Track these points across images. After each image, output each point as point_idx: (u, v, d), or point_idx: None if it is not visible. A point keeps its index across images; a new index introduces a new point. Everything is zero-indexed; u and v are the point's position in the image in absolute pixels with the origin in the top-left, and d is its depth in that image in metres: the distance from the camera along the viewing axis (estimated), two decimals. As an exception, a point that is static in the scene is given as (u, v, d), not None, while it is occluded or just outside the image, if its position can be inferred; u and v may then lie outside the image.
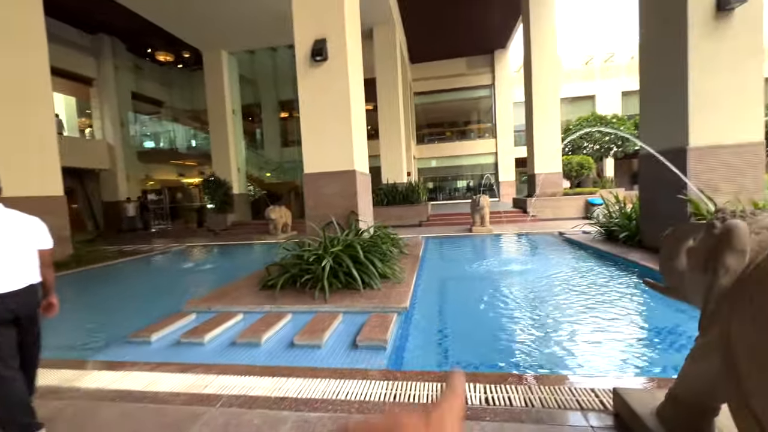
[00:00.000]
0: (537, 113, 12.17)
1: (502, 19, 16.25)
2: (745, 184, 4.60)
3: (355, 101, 5.69)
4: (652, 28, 5.43)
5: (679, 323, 3.07)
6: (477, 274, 5.37)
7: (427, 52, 19.51)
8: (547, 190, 12.16)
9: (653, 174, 5.51)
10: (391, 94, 12.85)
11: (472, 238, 8.91)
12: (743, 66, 4.54)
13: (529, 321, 3.37)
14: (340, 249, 4.45)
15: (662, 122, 5.23)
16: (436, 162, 22.83)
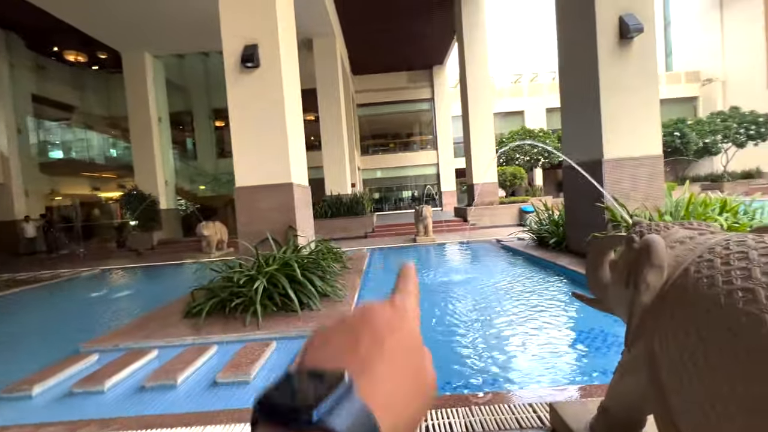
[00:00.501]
0: (473, 127, 12.83)
1: (439, 37, 17.06)
2: (649, 193, 5.15)
3: (292, 111, 5.44)
4: (568, 52, 5.96)
5: (609, 325, 3.26)
6: (422, 286, 5.32)
7: (369, 64, 19.80)
8: (484, 199, 12.79)
9: (574, 184, 5.97)
10: (333, 105, 12.72)
11: (417, 249, 8.98)
12: (643, 88, 5.13)
13: (472, 334, 3.36)
14: (275, 268, 4.13)
15: (581, 137, 5.71)
16: (381, 173, 23.06)
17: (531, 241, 7.49)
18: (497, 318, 3.69)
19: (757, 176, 19.92)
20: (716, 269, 0.99)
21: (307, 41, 12.71)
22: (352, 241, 11.23)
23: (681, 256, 1.15)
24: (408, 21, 15.34)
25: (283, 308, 3.90)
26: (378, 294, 5.03)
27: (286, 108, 5.15)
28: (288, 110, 5.23)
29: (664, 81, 25.47)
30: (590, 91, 5.32)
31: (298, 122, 5.90)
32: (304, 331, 3.35)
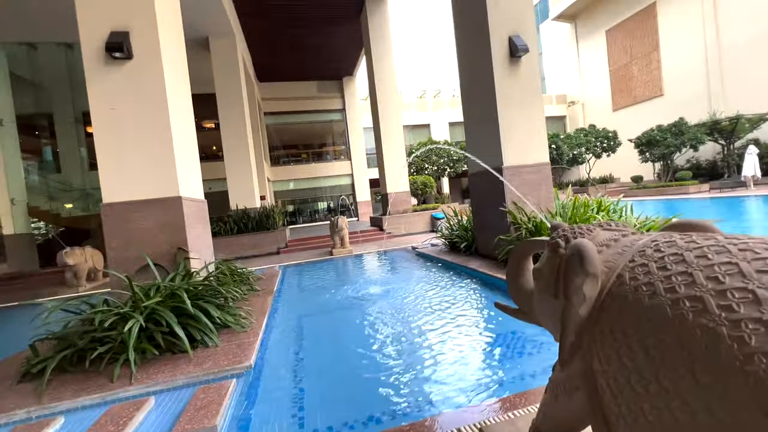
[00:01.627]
0: (385, 138, 13.06)
1: (348, 49, 17.14)
2: (541, 196, 5.70)
3: (179, 113, 4.66)
4: (468, 69, 6.35)
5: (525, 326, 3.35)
6: (339, 303, 4.99)
7: (277, 71, 18.93)
8: (398, 208, 13.05)
9: (480, 190, 6.34)
10: (236, 112, 11.68)
11: (334, 261, 8.61)
12: (531, 102, 5.69)
13: (398, 352, 3.13)
14: (157, 301, 3.37)
15: (483, 146, 6.08)
16: (294, 184, 22.07)
17: (444, 246, 7.75)
18: (416, 331, 3.55)
19: (610, 181, 24.45)
20: (654, 275, 0.90)
21: (203, 40, 11.50)
22: (263, 259, 10.32)
23: (611, 261, 1.06)
24: (315, 30, 15.08)
25: (170, 350, 3.18)
26: (290, 318, 4.53)
27: (170, 109, 4.37)
28: (174, 112, 4.46)
29: (540, 101, 29.91)
30: (489, 104, 5.70)
31: (188, 127, 5.10)
32: (194, 377, 2.73)
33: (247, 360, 2.89)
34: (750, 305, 0.69)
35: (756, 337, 0.65)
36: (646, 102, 23.46)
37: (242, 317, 3.86)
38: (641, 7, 23.01)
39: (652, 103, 23.03)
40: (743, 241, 0.85)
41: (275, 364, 3.14)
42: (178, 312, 3.35)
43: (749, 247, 0.80)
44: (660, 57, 22.34)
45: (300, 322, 4.35)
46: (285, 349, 3.49)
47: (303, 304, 5.24)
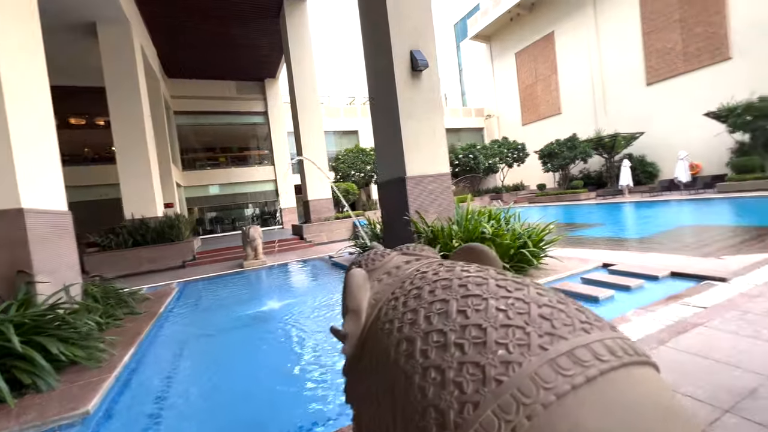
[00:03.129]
0: (305, 144, 12.72)
1: (268, 49, 16.44)
2: (443, 205, 5.95)
3: (24, 108, 3.91)
4: (374, 80, 6.42)
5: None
6: (234, 323, 4.61)
7: (189, 68, 17.38)
8: (320, 215, 12.77)
9: (388, 199, 6.43)
10: (131, 109, 10.38)
11: (244, 275, 8.04)
12: (432, 115, 5.93)
13: (287, 379, 2.92)
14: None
15: (389, 156, 6.17)
16: (212, 190, 20.38)
17: (358, 255, 7.71)
18: (310, 355, 3.39)
19: (522, 188, 27.01)
20: (397, 311, 0.86)
21: (89, 25, 10.04)
22: (163, 274, 9.26)
23: (380, 293, 1.01)
24: (230, 26, 14.19)
25: (-17, 401, 2.57)
26: (170, 344, 4.04)
27: (7, 103, 3.63)
28: (14, 107, 3.71)
29: (461, 113, 31.93)
30: (393, 115, 5.81)
31: (43, 125, 4.32)
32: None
33: (84, 405, 2.45)
34: (441, 349, 0.66)
35: (434, 388, 0.61)
36: (549, 118, 26.46)
37: (99, 350, 3.32)
38: (542, 34, 25.98)
39: (553, 120, 26.04)
40: (477, 276, 0.81)
41: (130, 405, 2.72)
42: (1, 352, 2.74)
43: (479, 282, 0.78)
44: (558, 80, 25.42)
45: (181, 349, 3.90)
46: (149, 385, 3.06)
47: (191, 326, 4.73)
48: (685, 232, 7.36)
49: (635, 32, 20.20)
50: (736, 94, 15.24)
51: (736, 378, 1.99)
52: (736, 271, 3.82)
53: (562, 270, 4.57)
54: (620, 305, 3.41)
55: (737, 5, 16.03)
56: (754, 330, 2.49)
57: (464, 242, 4.73)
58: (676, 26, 18.38)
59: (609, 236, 7.87)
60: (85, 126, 15.23)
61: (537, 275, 4.44)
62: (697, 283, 3.71)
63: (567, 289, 3.81)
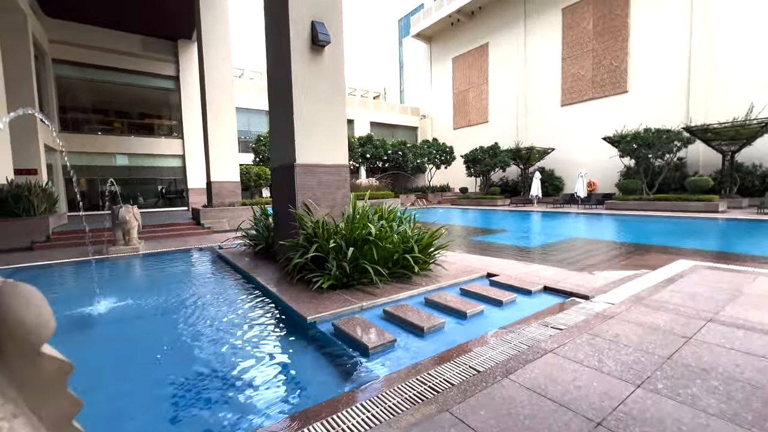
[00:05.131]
0: (211, 118, 11.25)
1: (181, 4, 14.24)
2: (337, 199, 5.40)
3: None
4: (272, 50, 5.58)
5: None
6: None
7: (79, 8, 14.33)
8: (224, 199, 11.46)
9: (278, 187, 5.68)
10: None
11: (102, 264, 6.64)
12: (333, 99, 5.31)
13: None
14: None
15: (280, 139, 5.43)
16: (105, 160, 17.29)
17: (247, 246, 6.84)
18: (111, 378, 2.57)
19: (447, 190, 27.94)
20: None
21: None
22: (1, 256, 7.33)
23: None
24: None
25: None
26: None
27: None
28: None
29: (398, 110, 31.96)
30: (286, 94, 5.07)
31: None
32: None
33: None
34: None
35: None
36: (477, 125, 27.68)
37: None
38: (479, 44, 26.99)
39: (480, 127, 27.30)
40: None
41: None
42: None
43: None
44: (488, 89, 26.68)
45: None
46: None
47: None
48: (573, 244, 7.84)
49: (557, 56, 21.88)
50: (627, 124, 17.28)
51: (564, 426, 1.72)
52: (599, 288, 3.87)
53: (445, 278, 4.31)
54: (486, 323, 3.17)
55: (636, 43, 18.13)
56: (599, 360, 2.34)
57: (346, 243, 4.22)
58: (589, 55, 20.26)
59: (507, 243, 8.09)
60: None
61: (417, 283, 4.11)
62: (564, 300, 3.67)
63: (439, 302, 3.51)
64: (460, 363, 2.34)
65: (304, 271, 4.29)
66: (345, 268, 3.93)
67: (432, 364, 2.36)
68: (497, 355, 2.43)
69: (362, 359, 2.52)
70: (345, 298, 3.63)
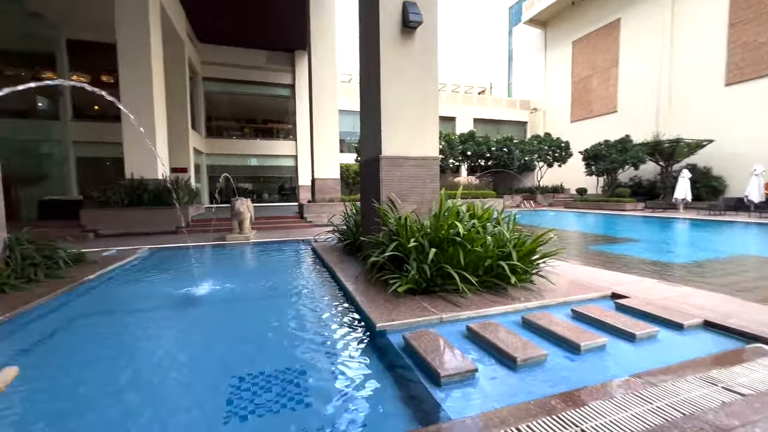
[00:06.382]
0: (317, 119, 12.00)
1: (296, 19, 15.66)
2: (425, 195, 4.92)
3: None
4: (363, 41, 5.42)
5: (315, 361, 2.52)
6: (154, 303, 4.01)
7: (222, 33, 17.09)
8: (325, 195, 12.09)
9: (365, 181, 5.50)
10: (140, 67, 10.10)
11: (218, 249, 7.53)
12: (424, 85, 4.86)
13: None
14: None
15: (368, 131, 5.23)
16: (236, 160, 20.37)
17: (336, 240, 6.91)
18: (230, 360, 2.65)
19: (561, 191, 24.73)
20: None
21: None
22: (153, 237, 9.02)
23: None
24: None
25: None
26: (47, 324, 3.41)
27: None
28: None
29: (505, 105, 29.70)
30: (375, 82, 4.82)
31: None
32: None
33: None
34: None
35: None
36: (601, 116, 23.77)
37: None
38: (606, 21, 23.11)
39: (606, 119, 23.35)
40: None
41: None
42: None
43: None
44: (618, 73, 22.62)
45: (61, 329, 3.30)
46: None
47: (101, 301, 4.15)
48: (744, 263, 5.79)
49: (720, 22, 17.22)
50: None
51: None
52: (808, 334, 2.54)
53: (551, 295, 3.45)
54: (610, 363, 2.31)
55: None
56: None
57: (430, 243, 3.73)
58: (773, 15, 15.36)
59: (639, 256, 6.42)
60: (91, 83, 15.52)
61: (514, 297, 3.37)
62: (742, 345, 2.51)
63: (541, 324, 2.74)
64: (567, 421, 1.64)
65: (384, 270, 3.95)
66: (425, 271, 3.45)
67: (524, 414, 1.72)
68: (630, 422, 1.65)
69: (432, 388, 2.02)
70: (423, 306, 3.15)
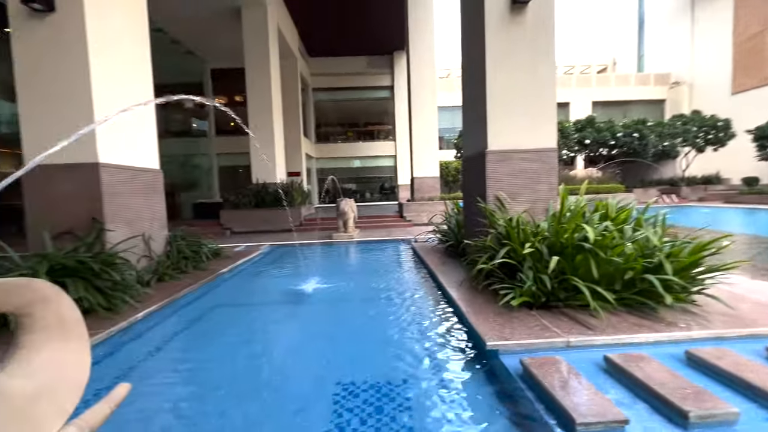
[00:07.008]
0: (416, 117, 11.94)
1: (397, 20, 15.90)
2: (539, 192, 4.31)
3: (112, 75, 4.34)
4: (466, 24, 5.03)
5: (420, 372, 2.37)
6: (271, 296, 4.43)
7: (328, 46, 18.50)
8: (424, 194, 11.94)
9: (468, 178, 5.13)
10: (262, 86, 11.51)
11: (327, 246, 8.04)
12: (537, 67, 4.25)
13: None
14: (16, 276, 3.09)
15: (472, 124, 4.84)
16: (341, 163, 21.91)
17: (437, 241, 6.66)
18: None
19: (716, 182, 19.75)
20: None
21: (234, 11, 11.42)
22: (273, 235, 10.19)
23: None
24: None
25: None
26: (190, 311, 3.96)
27: (92, 69, 4.04)
28: (100, 73, 4.13)
29: (633, 82, 25.14)
30: (479, 68, 4.41)
31: (135, 90, 4.79)
32: None
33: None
34: None
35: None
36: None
37: (124, 301, 3.46)
38: (792, -45, 17.48)
39: (790, 85, 17.72)
40: None
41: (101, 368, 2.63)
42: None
43: None
44: (812, 22, 16.91)
45: (207, 313, 3.83)
46: (131, 355, 2.91)
47: (232, 292, 4.72)
48: None
49: None
50: None
51: None
52: None
53: (730, 323, 2.59)
54: None
55: None
56: None
57: (549, 248, 3.20)
58: None
59: None
60: (227, 103, 18.29)
61: (669, 322, 2.62)
62: None
63: (721, 366, 2.02)
64: None
65: (492, 278, 3.55)
66: (545, 282, 2.95)
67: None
68: None
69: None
70: (543, 324, 2.68)
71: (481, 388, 2.16)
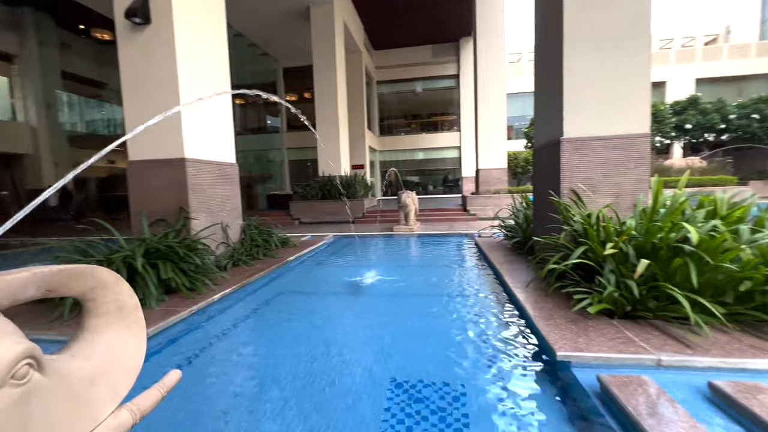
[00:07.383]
0: (481, 106, 11.35)
1: (462, 6, 15.22)
2: (625, 185, 3.76)
3: (194, 80, 4.79)
4: (539, 7, 4.55)
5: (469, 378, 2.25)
6: (329, 286, 4.55)
7: (392, 38, 18.44)
8: (490, 187, 11.36)
9: (540, 170, 4.70)
10: (329, 82, 11.87)
11: (387, 239, 8.09)
12: (625, 42, 3.68)
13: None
14: (123, 255, 3.58)
15: (545, 109, 4.39)
16: (404, 155, 21.86)
17: (503, 237, 6.27)
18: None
19: None
20: None
21: (304, 10, 11.89)
22: (336, 226, 10.57)
23: None
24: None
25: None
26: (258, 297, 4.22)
27: (180, 76, 4.49)
28: (186, 79, 4.58)
29: (754, 53, 20.96)
30: (554, 47, 3.97)
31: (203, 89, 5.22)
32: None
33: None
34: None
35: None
36: None
37: (203, 283, 3.83)
38: None
39: None
40: None
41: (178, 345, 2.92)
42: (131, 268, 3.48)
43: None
44: None
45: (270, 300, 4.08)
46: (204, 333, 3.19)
47: (295, 279, 4.94)
48: None
49: None
50: None
51: None
52: None
53: None
54: None
55: None
56: None
57: (637, 250, 2.78)
58: None
59: None
60: (297, 100, 19.13)
61: (803, 348, 2.09)
62: None
63: None
64: None
65: (565, 280, 3.21)
66: (630, 289, 2.56)
67: None
68: None
69: (653, 474, 1.37)
70: (627, 337, 2.33)
71: (548, 403, 1.94)
